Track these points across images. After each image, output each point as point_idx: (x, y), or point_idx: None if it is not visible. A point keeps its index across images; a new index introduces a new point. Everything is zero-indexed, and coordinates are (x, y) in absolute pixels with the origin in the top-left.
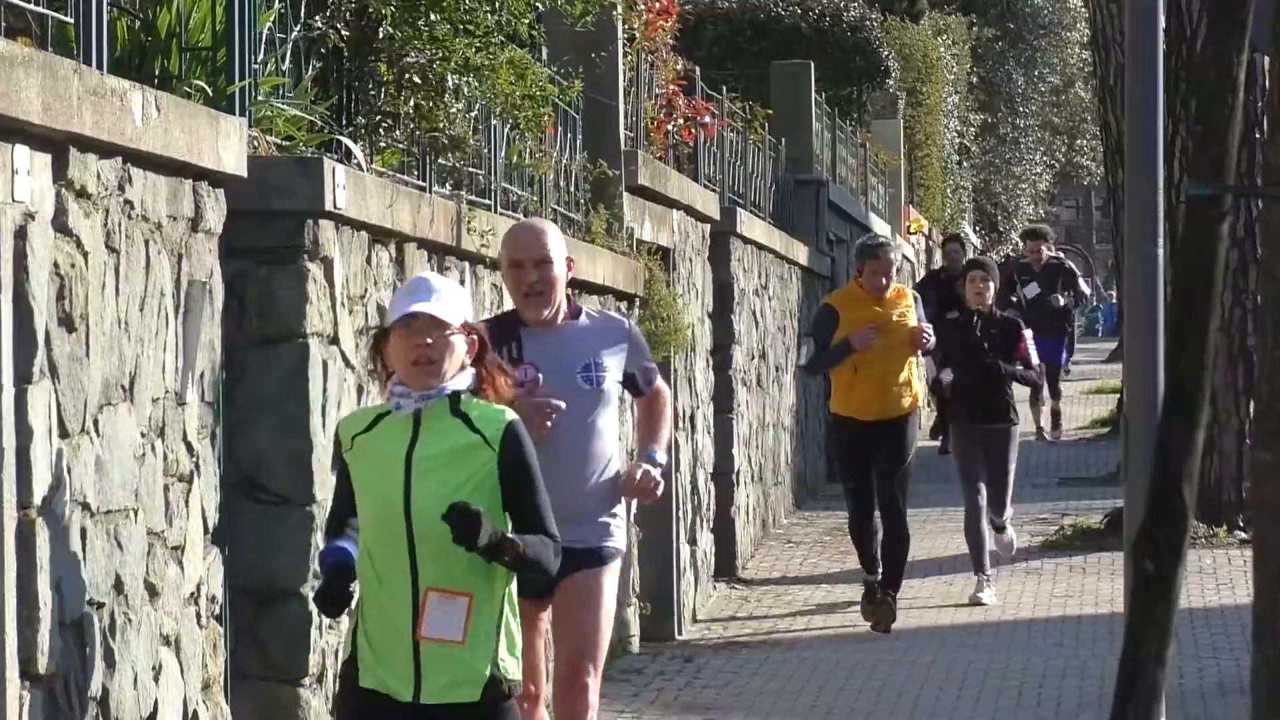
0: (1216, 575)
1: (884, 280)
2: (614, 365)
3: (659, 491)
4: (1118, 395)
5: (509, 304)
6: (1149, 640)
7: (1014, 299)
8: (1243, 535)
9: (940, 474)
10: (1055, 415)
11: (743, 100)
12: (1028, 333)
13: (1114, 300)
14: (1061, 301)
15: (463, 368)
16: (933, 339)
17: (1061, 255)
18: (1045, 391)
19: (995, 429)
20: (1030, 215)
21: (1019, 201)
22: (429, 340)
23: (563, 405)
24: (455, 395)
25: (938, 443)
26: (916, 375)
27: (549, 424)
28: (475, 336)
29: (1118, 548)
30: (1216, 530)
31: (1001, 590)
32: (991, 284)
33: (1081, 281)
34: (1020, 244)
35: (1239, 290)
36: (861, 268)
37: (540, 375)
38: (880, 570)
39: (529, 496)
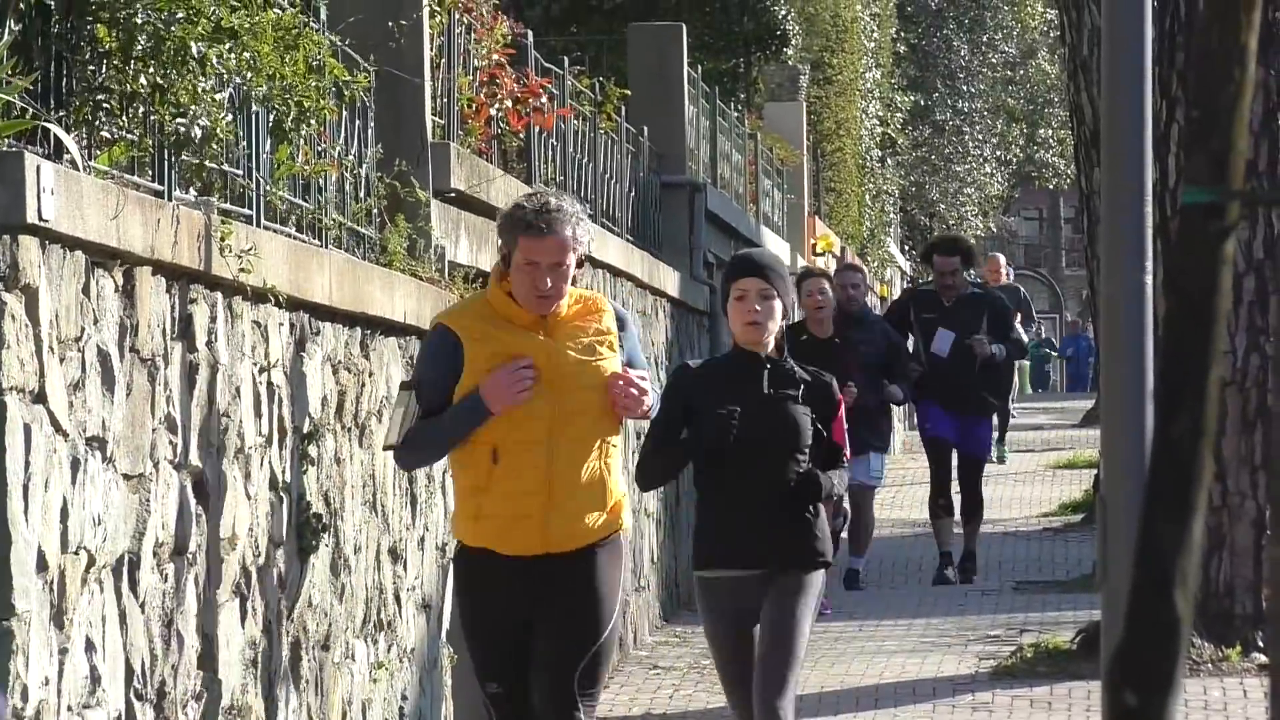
0: (1227, 712)
1: (549, 282)
2: None
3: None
4: (1094, 471)
5: (277, 348)
6: None
7: (910, 352)
8: (1262, 659)
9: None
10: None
11: (591, 76)
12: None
13: (1090, 339)
14: (1002, 355)
15: None
16: (651, 394)
17: (987, 283)
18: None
19: (784, 583)
20: (977, 229)
21: (963, 211)
22: None
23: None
24: None
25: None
26: (618, 470)
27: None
28: None
29: (1094, 675)
30: (1226, 652)
31: None
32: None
33: (1019, 327)
34: (922, 264)
35: (1255, 330)
36: (508, 253)
37: None
38: None
39: None
